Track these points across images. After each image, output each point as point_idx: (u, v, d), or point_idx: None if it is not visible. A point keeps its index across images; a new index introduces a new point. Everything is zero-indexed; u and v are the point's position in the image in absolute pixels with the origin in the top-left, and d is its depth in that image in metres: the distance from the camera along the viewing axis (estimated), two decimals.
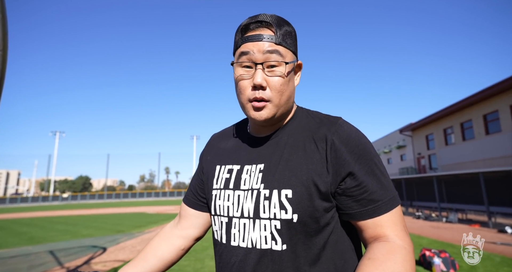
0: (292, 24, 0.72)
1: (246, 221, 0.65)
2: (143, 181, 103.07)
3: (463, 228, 8.56)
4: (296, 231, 0.61)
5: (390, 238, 0.59)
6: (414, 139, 23.79)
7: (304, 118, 0.73)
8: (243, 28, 0.67)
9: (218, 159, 0.79)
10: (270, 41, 0.64)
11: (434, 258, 4.04)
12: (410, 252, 0.57)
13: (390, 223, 0.60)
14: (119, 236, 8.40)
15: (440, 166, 19.67)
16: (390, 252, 0.55)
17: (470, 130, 16.71)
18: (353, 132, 0.66)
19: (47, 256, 5.79)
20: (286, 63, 0.65)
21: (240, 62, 0.67)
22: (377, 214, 0.60)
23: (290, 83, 0.69)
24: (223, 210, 0.70)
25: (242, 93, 0.68)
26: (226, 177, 0.73)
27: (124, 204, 35.66)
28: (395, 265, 0.53)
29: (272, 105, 0.66)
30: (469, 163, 16.50)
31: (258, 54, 0.64)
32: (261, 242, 0.63)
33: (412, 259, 0.56)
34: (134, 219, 14.45)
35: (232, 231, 0.67)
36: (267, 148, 0.71)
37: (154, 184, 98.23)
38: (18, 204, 48.25)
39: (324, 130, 0.67)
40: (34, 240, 8.21)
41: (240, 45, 0.67)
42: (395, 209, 0.62)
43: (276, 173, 0.65)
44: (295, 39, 0.70)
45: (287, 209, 0.61)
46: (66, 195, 53.56)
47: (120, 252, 5.98)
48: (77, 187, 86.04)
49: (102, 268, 4.66)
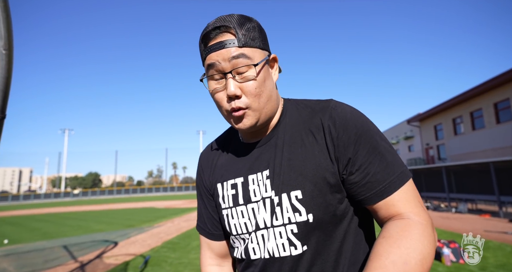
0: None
1: (264, 232, 0.62)
2: (151, 177, 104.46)
3: (473, 218, 8.48)
4: (315, 230, 0.59)
5: (405, 215, 0.55)
6: (422, 129, 23.46)
7: (295, 111, 0.69)
8: (203, 38, 0.62)
9: (216, 177, 0.73)
10: (233, 46, 0.59)
11: (443, 249, 4.02)
12: (427, 226, 0.53)
13: (402, 201, 0.57)
14: (130, 230, 8.56)
15: (449, 156, 19.40)
16: (405, 229, 0.52)
17: (480, 120, 16.38)
18: (348, 114, 0.62)
19: (61, 251, 5.95)
20: (255, 65, 0.60)
21: (211, 75, 0.63)
22: (386, 194, 0.57)
23: (267, 83, 0.64)
24: (241, 228, 0.66)
25: (220, 106, 0.64)
26: (232, 193, 0.69)
27: (133, 199, 36.27)
28: (411, 241, 0.50)
29: (251, 111, 0.62)
30: (479, 153, 16.23)
31: (225, 63, 0.60)
32: (279, 250, 0.60)
33: (430, 234, 0.52)
34: (144, 213, 14.70)
35: (251, 246, 0.64)
36: (266, 151, 0.67)
37: (162, 179, 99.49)
38: (32, 200, 49.52)
39: (318, 118, 0.64)
40: (48, 235, 8.44)
41: (205, 58, 0.63)
42: (405, 185, 0.57)
43: (282, 175, 0.62)
44: (260, 34, 0.64)
45: (301, 210, 0.59)
46: (77, 191, 54.70)
47: (131, 246, 6.10)
48: (87, 183, 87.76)
49: (114, 262, 4.77)
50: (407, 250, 0.49)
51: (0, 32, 0.93)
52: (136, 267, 4.38)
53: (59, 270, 4.40)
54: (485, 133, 15.85)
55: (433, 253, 0.51)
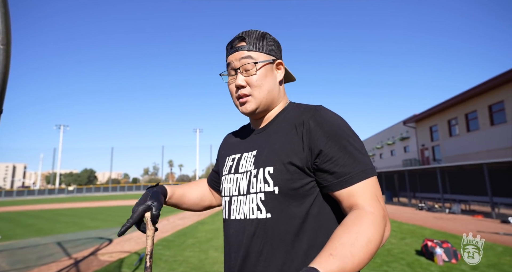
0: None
1: (242, 198, 0.78)
2: (147, 174, 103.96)
3: (466, 219, 8.59)
4: (278, 201, 0.72)
5: (360, 206, 0.65)
6: (418, 130, 23.64)
7: (291, 110, 0.85)
8: (229, 45, 0.86)
9: (228, 151, 0.95)
10: (243, 50, 0.81)
11: (436, 248, 4.07)
12: (378, 217, 0.63)
13: (361, 193, 0.67)
14: None
15: (444, 157, 19.58)
16: (358, 218, 0.62)
17: (475, 121, 16.55)
18: (328, 116, 0.75)
19: (55, 247, 5.91)
20: (256, 63, 0.80)
21: (228, 72, 0.86)
22: (348, 184, 0.67)
23: (268, 79, 0.82)
24: (227, 191, 0.85)
25: (232, 95, 0.86)
26: (230, 164, 0.88)
27: (128, 197, 36.11)
28: (360, 228, 0.59)
29: (253, 98, 0.82)
30: (473, 154, 16.40)
31: (236, 62, 0.82)
32: (250, 213, 0.75)
33: (379, 224, 0.61)
34: None
35: (232, 207, 0.81)
36: (260, 137, 0.85)
37: (158, 177, 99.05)
38: (25, 196, 49.03)
39: (304, 116, 0.77)
40: (42, 231, 8.37)
41: (227, 58, 0.86)
42: (367, 179, 0.68)
43: (263, 155, 0.79)
44: (269, 43, 0.84)
45: (269, 182, 0.73)
46: (71, 188, 54.24)
47: (125, 243, 6.09)
48: (82, 180, 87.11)
49: (109, 259, 4.75)
50: (356, 234, 0.58)
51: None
52: (130, 264, 4.37)
53: (53, 267, 4.38)
54: (480, 135, 16.02)
55: (378, 238, 0.60)
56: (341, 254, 0.55)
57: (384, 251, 4.80)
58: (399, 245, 5.23)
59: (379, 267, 3.89)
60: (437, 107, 18.97)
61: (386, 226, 0.65)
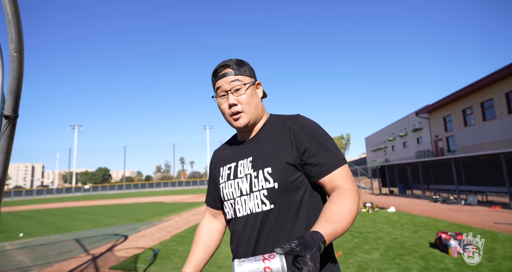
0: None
1: (246, 197, 0.91)
2: (159, 172, 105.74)
3: (483, 210, 8.40)
4: (279, 194, 0.87)
5: (341, 186, 0.83)
6: (431, 121, 23.10)
7: (274, 121, 1.01)
8: (214, 73, 0.99)
9: (221, 163, 1.07)
10: (231, 75, 0.95)
11: (450, 241, 4.01)
12: (353, 192, 0.81)
13: (339, 176, 0.85)
14: (139, 224, 8.76)
15: (458, 147, 19.10)
16: (340, 194, 0.80)
17: (491, 110, 16.03)
18: (307, 122, 0.94)
19: (74, 244, 6.14)
20: (245, 84, 0.96)
21: (218, 94, 0.98)
22: (329, 171, 0.86)
23: (254, 97, 0.98)
24: (229, 195, 0.96)
25: (224, 113, 0.99)
26: (227, 172, 1.01)
27: (142, 194, 36.90)
28: (343, 200, 0.77)
29: (245, 114, 0.96)
30: (489, 144, 15.93)
31: (226, 85, 0.95)
32: (255, 208, 0.89)
33: (356, 196, 0.80)
34: (152, 208, 14.98)
35: (237, 207, 0.93)
36: (252, 146, 0.99)
37: (170, 174, 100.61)
38: (44, 195, 50.83)
39: (287, 124, 0.95)
40: (61, 229, 8.69)
41: (215, 83, 0.99)
42: (342, 166, 0.87)
43: (260, 159, 0.93)
44: (249, 69, 1.00)
45: (270, 180, 0.88)
46: (87, 186, 55.84)
47: (140, 239, 6.25)
48: (97, 179, 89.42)
49: (125, 255, 4.90)
50: (341, 205, 0.76)
51: (12, 35, 0.96)
52: (145, 259, 4.50)
53: (73, 263, 4.55)
54: (497, 124, 15.52)
55: (356, 207, 0.78)
56: (333, 219, 0.71)
57: (397, 244, 4.76)
58: (412, 237, 5.18)
59: (392, 260, 3.87)
60: (451, 96, 18.46)
61: (361, 199, 0.83)
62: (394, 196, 15.68)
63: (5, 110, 1.13)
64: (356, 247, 4.68)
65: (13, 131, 1.17)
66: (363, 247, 4.67)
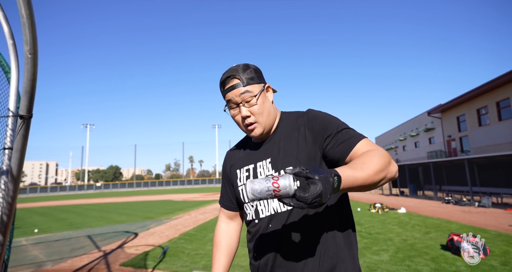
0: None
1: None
2: (168, 170, 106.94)
3: (497, 212, 8.17)
4: None
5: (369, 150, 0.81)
6: (444, 121, 22.58)
7: (287, 119, 1.02)
8: (222, 83, 0.97)
9: (236, 166, 1.07)
10: (240, 87, 0.93)
11: (462, 243, 3.92)
12: (381, 151, 0.78)
13: (364, 146, 0.83)
14: (149, 222, 8.89)
15: (472, 148, 18.60)
16: (367, 152, 0.78)
17: (508, 109, 15.55)
18: (317, 113, 0.95)
19: (86, 240, 6.28)
20: (255, 95, 0.94)
21: (230, 106, 0.97)
22: (353, 144, 0.84)
23: (265, 104, 0.97)
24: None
25: (239, 124, 0.99)
26: (246, 175, 1.01)
27: (152, 192, 37.41)
28: (367, 156, 0.76)
29: (259, 124, 0.96)
30: (506, 145, 15.45)
31: (237, 98, 0.94)
32: (280, 207, 0.91)
33: (384, 155, 0.77)
34: (162, 206, 15.17)
35: (259, 208, 0.95)
36: (269, 146, 1.00)
37: (179, 173, 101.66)
38: (58, 192, 52.14)
39: (300, 120, 0.97)
40: (74, 225, 8.91)
41: (225, 96, 0.97)
42: (364, 139, 0.85)
43: (279, 159, 0.93)
44: (256, 73, 0.97)
45: None
46: (99, 184, 57.04)
47: (150, 237, 6.35)
48: (108, 176, 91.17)
49: (135, 252, 4.99)
50: (365, 158, 0.75)
51: (26, 37, 0.99)
52: (155, 257, 4.57)
53: (85, 259, 4.66)
54: None
55: (383, 163, 0.74)
56: (353, 166, 0.72)
57: (407, 245, 4.68)
58: (423, 239, 5.08)
59: (402, 262, 3.81)
60: (465, 96, 18.00)
61: (392, 162, 0.78)
62: (405, 196, 15.41)
63: (20, 110, 1.16)
64: (365, 247, 4.63)
65: (27, 130, 1.21)
66: (372, 248, 4.62)
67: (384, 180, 0.75)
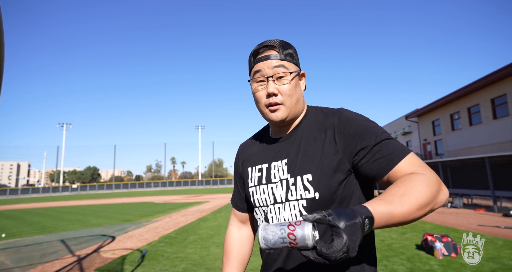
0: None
1: (280, 205, 0.80)
2: (150, 171, 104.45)
3: (468, 213, 8.59)
4: (319, 205, 0.75)
5: (413, 172, 0.67)
6: (420, 125, 23.53)
7: (313, 115, 0.87)
8: (254, 53, 0.84)
9: (249, 162, 0.95)
10: (276, 59, 0.80)
11: (436, 243, 4.08)
12: (429, 177, 0.64)
13: (407, 165, 0.68)
14: (127, 225, 8.62)
15: (446, 151, 19.50)
16: (409, 177, 0.64)
17: (477, 115, 16.44)
18: (352, 115, 0.80)
19: (59, 245, 5.99)
20: (291, 73, 0.81)
21: (255, 78, 0.83)
22: (394, 163, 0.69)
23: (297, 89, 0.84)
24: (262, 201, 0.85)
25: (259, 102, 0.84)
26: (258, 175, 0.89)
27: (131, 194, 36.38)
28: (410, 183, 0.61)
29: (284, 107, 0.82)
30: (476, 148, 16.32)
31: (268, 70, 0.80)
32: (292, 219, 0.77)
33: (431, 182, 0.62)
34: (142, 208, 14.77)
35: (270, 215, 0.82)
36: (287, 145, 0.86)
37: (161, 174, 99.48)
38: (30, 194, 49.56)
39: (330, 120, 0.81)
40: (46, 229, 8.48)
41: (253, 66, 0.84)
42: (408, 155, 0.70)
43: (297, 163, 0.80)
44: (295, 55, 0.85)
45: (310, 189, 0.76)
46: (75, 186, 54.70)
47: (128, 240, 6.15)
48: (85, 178, 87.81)
49: (111, 256, 4.81)
50: (405, 187, 0.61)
51: None
52: (133, 261, 4.43)
53: (57, 264, 4.44)
54: (482, 129, 15.92)
55: (429, 194, 0.60)
56: (390, 200, 0.58)
57: (384, 246, 4.82)
58: (400, 239, 5.25)
59: (379, 262, 3.91)
60: (440, 101, 18.84)
61: (442, 190, 0.64)
62: None
63: None
64: None
65: None
66: None
67: (429, 213, 0.62)
